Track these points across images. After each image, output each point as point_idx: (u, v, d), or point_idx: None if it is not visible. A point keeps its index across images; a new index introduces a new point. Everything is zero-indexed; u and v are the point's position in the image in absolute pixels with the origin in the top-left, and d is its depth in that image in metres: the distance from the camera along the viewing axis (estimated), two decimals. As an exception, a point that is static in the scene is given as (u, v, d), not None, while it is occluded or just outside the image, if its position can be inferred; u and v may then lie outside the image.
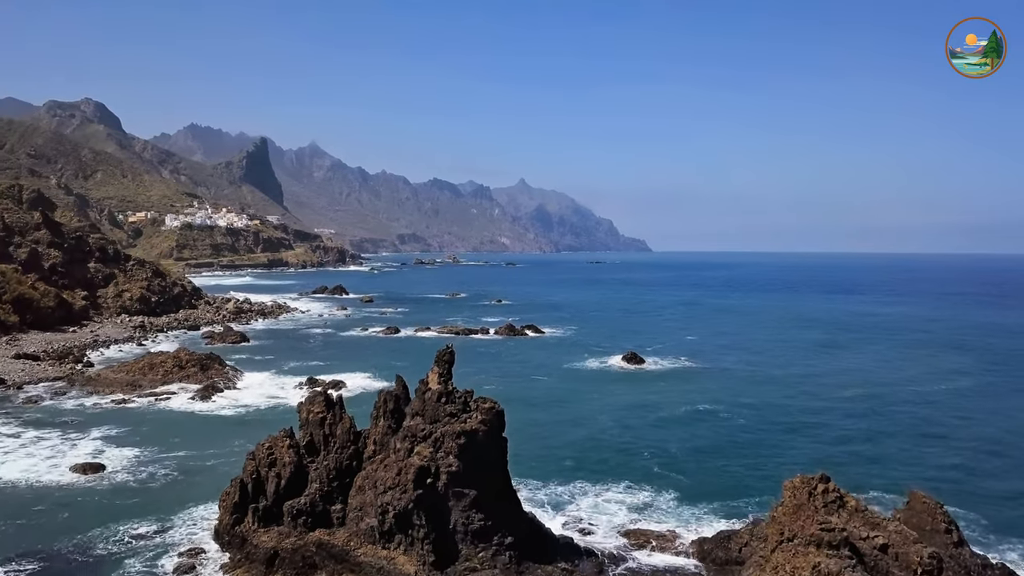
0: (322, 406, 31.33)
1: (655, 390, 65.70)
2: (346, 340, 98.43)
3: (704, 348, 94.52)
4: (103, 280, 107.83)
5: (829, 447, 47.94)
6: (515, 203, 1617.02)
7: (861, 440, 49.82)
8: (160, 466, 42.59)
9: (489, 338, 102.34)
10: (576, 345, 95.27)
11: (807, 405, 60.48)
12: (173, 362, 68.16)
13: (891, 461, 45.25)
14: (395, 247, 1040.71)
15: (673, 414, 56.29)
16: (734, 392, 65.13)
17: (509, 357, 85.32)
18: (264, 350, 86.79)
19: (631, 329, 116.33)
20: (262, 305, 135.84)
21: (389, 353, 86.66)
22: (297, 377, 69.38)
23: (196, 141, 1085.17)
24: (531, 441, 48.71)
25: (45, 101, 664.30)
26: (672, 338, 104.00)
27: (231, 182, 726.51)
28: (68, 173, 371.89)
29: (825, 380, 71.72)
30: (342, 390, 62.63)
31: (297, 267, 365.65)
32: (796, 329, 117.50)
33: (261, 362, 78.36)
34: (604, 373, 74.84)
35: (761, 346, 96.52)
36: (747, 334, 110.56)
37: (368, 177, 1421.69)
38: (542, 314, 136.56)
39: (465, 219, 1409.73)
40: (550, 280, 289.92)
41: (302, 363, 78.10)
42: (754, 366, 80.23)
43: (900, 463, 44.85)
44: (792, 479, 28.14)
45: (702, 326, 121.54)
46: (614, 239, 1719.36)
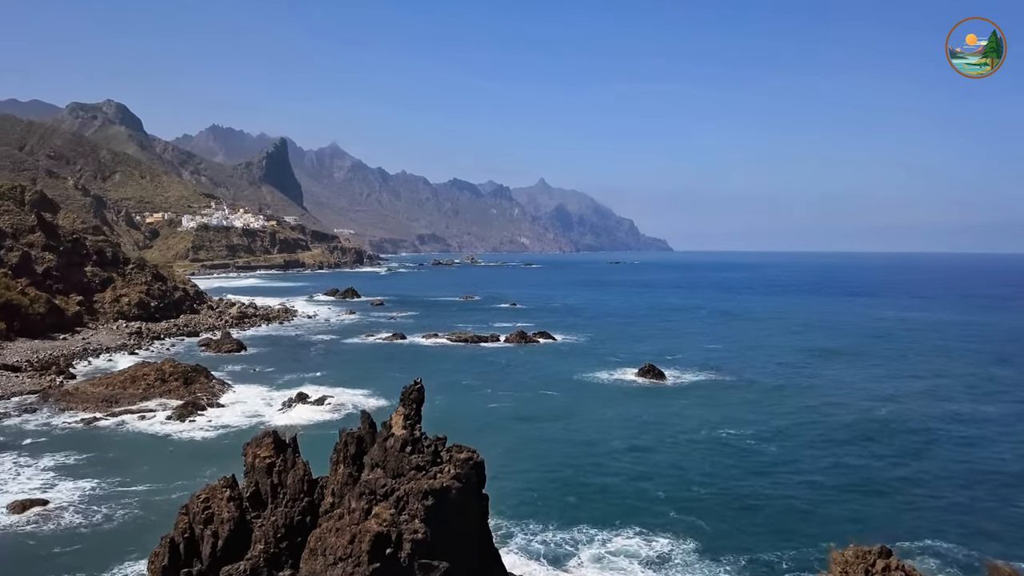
0: (270, 449, 26.16)
1: (674, 409, 59.91)
2: (348, 348, 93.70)
3: (728, 358, 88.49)
4: (100, 284, 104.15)
5: (877, 492, 40.96)
6: (535, 203, 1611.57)
7: (916, 483, 42.52)
8: (113, 504, 37.77)
9: (499, 346, 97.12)
10: (590, 354, 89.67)
11: (848, 430, 54.03)
12: (156, 375, 63.68)
13: (955, 514, 38.00)
14: (415, 247, 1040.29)
15: (694, 439, 50.53)
16: (762, 412, 59.14)
17: (518, 367, 79.97)
18: (259, 360, 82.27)
19: (649, 335, 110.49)
20: (267, 309, 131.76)
21: (391, 363, 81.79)
22: (289, 391, 64.62)
23: (217, 142, 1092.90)
24: (532, 471, 43.40)
25: (68, 103, 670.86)
26: (693, 346, 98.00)
27: (251, 183, 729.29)
28: (87, 174, 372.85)
29: (864, 398, 65.31)
30: (329, 405, 57.87)
31: (314, 268, 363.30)
32: (824, 336, 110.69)
33: (253, 374, 73.76)
34: (619, 388, 69.16)
35: (789, 356, 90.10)
36: (773, 341, 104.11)
37: (388, 177, 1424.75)
38: (556, 319, 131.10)
39: (485, 219, 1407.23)
40: (567, 282, 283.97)
41: (297, 375, 73.38)
42: (783, 379, 74.00)
43: (966, 517, 37.65)
44: (843, 551, 22.56)
45: (725, 332, 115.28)
46: (635, 239, 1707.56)
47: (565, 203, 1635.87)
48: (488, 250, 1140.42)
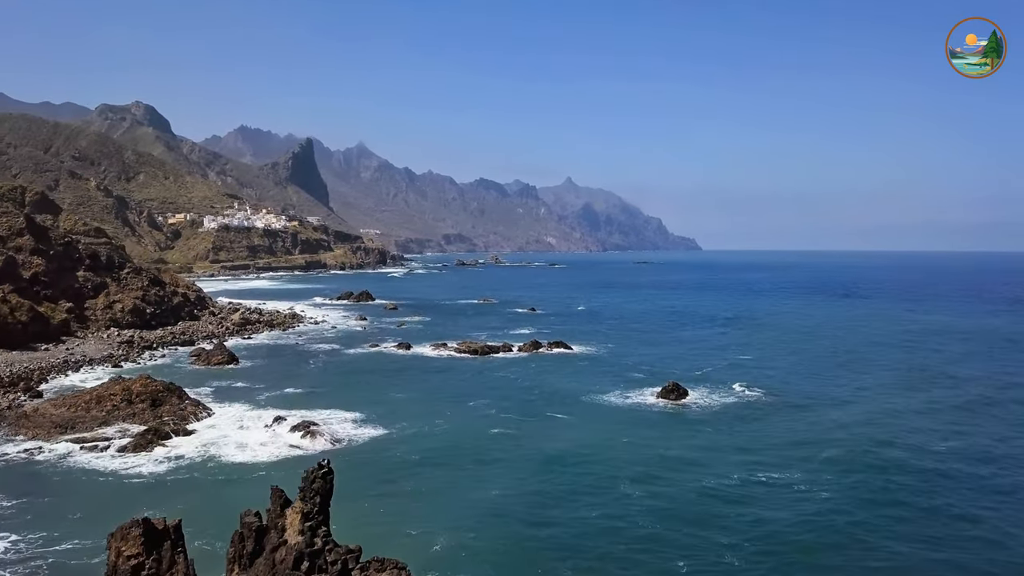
0: (139, 545, 19.27)
1: (700, 441, 52.08)
2: (349, 360, 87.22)
3: (760, 370, 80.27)
4: (92, 290, 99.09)
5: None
6: (561, 202, 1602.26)
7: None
8: (20, 568, 31.40)
9: (512, 356, 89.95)
10: (608, 368, 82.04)
11: (921, 475, 45.18)
12: (122, 396, 57.61)
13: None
14: (441, 247, 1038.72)
15: (723, 484, 42.70)
16: (806, 445, 50.98)
17: (528, 384, 72.63)
18: (249, 375, 76.04)
19: (673, 344, 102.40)
20: (272, 315, 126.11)
21: (392, 378, 75.08)
22: (271, 412, 58.22)
23: (246, 143, 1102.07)
24: (520, 530, 36.04)
25: (97, 104, 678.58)
26: (722, 358, 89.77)
27: (277, 183, 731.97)
28: (111, 175, 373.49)
29: (934, 427, 56.64)
30: (308, 433, 51.12)
31: (336, 269, 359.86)
32: (868, 344, 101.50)
33: (238, 391, 67.44)
34: (637, 412, 61.43)
35: (832, 370, 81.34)
36: (812, 352, 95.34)
37: (415, 177, 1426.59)
38: (575, 326, 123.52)
39: (511, 219, 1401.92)
40: (590, 283, 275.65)
41: (284, 392, 67.01)
42: (829, 401, 65.57)
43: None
44: None
45: (758, 341, 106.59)
46: (663, 238, 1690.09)
47: (592, 202, 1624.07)
48: (514, 250, 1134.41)
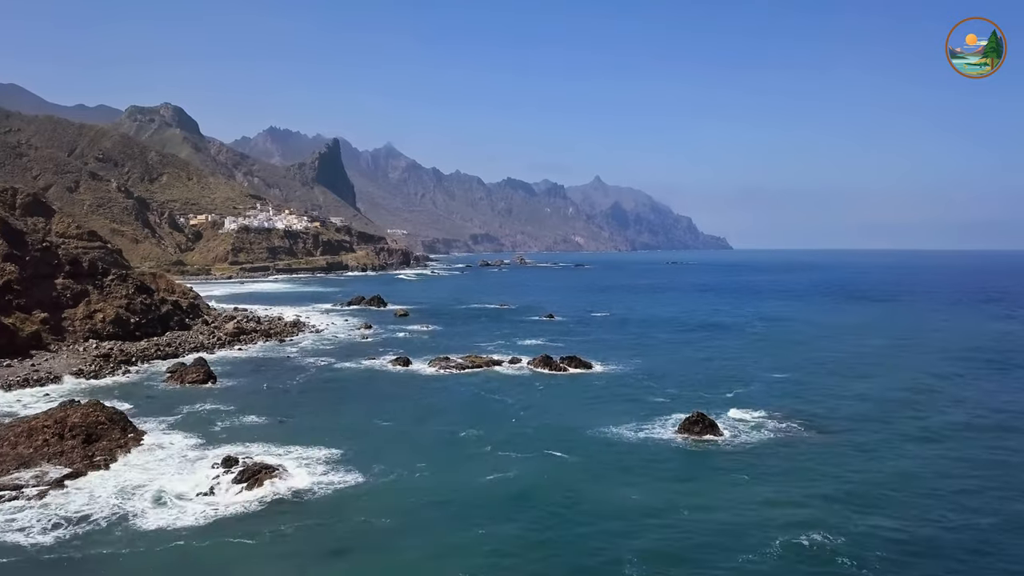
0: None
1: (731, 494, 42.31)
2: (336, 378, 78.92)
3: (802, 394, 69.98)
4: (72, 299, 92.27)
5: None
6: (590, 201, 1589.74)
7: None
8: None
9: (518, 373, 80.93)
10: (625, 390, 72.51)
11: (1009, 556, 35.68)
12: (55, 428, 49.92)
13: None
14: (468, 247, 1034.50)
15: (765, 555, 33.19)
16: (866, 495, 41.09)
17: (530, 410, 63.48)
18: (222, 397, 68.02)
19: (703, 359, 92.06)
20: (271, 324, 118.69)
21: (382, 403, 66.42)
22: (228, 448, 50.08)
23: (275, 144, 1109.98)
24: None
25: (127, 106, 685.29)
26: (758, 377, 79.40)
27: (303, 183, 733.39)
28: (134, 176, 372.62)
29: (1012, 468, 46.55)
30: (256, 484, 42.55)
31: (357, 270, 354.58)
32: (932, 359, 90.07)
33: (199, 419, 59.35)
34: (653, 452, 51.85)
35: (895, 398, 70.20)
36: (859, 369, 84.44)
37: (443, 177, 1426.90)
38: (594, 336, 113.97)
39: (538, 218, 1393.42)
40: (617, 286, 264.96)
41: (255, 422, 58.72)
42: (885, 430, 55.36)
43: None
44: None
45: (797, 356, 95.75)
46: (693, 237, 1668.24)
47: (621, 201, 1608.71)
48: (542, 249, 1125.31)
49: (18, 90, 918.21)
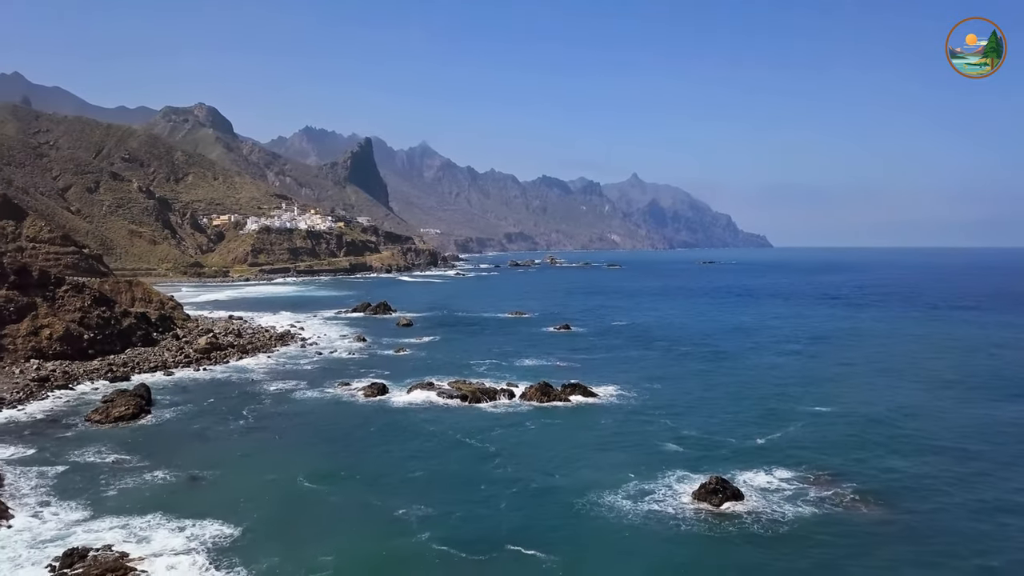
0: None
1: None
2: (294, 412, 67.01)
3: (855, 443, 55.62)
4: (15, 312, 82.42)
5: None
6: (626, 198, 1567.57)
7: None
8: None
9: (509, 406, 68.10)
10: (633, 433, 59.08)
11: None
12: None
13: None
14: (502, 246, 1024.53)
15: None
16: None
17: (509, 466, 50.42)
18: (142, 441, 56.68)
19: (732, 389, 77.18)
20: (255, 336, 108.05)
21: (333, 450, 54.35)
22: (95, 533, 38.74)
23: (310, 143, 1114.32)
24: None
25: (162, 107, 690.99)
26: (798, 413, 64.94)
27: (336, 183, 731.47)
28: (160, 176, 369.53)
29: None
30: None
31: (381, 271, 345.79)
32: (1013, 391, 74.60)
33: (93, 476, 47.86)
34: (660, 534, 38.58)
35: (969, 445, 55.74)
36: (934, 402, 69.42)
37: (477, 176, 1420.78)
38: (611, 353, 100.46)
39: (573, 216, 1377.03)
40: (648, 289, 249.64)
41: (162, 480, 47.07)
42: (965, 519, 41.21)
43: None
44: None
45: (848, 380, 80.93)
46: (732, 235, 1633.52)
47: (659, 198, 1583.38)
48: (577, 248, 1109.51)
49: (61, 92, 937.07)
